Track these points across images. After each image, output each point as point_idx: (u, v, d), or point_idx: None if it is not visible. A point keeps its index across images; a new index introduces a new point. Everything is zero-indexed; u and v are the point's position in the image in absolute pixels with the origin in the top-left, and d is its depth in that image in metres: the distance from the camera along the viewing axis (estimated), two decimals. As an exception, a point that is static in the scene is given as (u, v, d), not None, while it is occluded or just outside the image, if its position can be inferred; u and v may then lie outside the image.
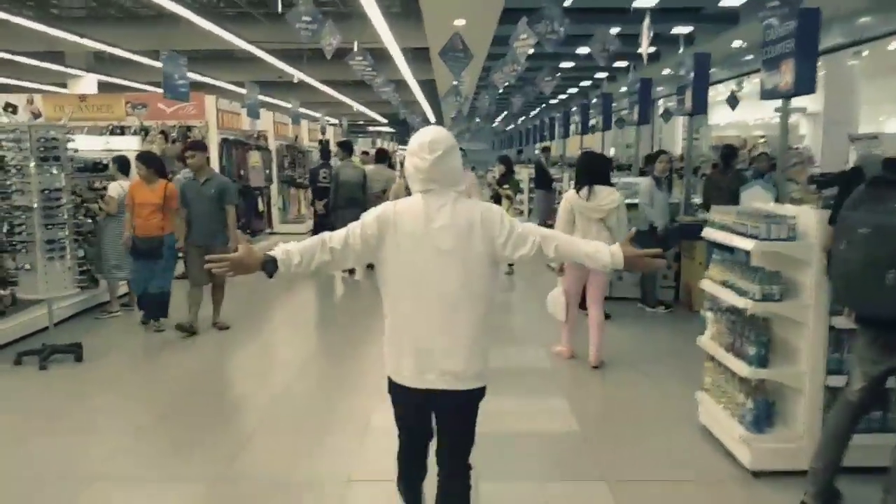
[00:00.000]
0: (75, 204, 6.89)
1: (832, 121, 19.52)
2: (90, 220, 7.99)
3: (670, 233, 7.74)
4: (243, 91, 13.87)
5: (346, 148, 10.11)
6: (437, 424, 2.70)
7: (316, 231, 6.69)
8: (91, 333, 6.93)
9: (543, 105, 39.59)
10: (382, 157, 10.49)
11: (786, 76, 5.58)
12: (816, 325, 3.67)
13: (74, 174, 7.99)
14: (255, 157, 11.55)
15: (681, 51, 9.95)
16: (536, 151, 24.40)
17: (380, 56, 17.68)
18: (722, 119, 23.47)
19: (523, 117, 44.45)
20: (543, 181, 14.24)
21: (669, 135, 21.39)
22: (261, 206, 11.71)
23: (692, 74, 7.73)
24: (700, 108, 7.78)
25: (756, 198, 6.31)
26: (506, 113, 43.73)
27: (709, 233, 4.36)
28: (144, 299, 7.05)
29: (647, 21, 8.36)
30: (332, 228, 2.70)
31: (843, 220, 3.27)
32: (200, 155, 6.90)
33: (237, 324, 7.29)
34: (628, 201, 7.84)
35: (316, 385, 5.63)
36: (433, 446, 2.76)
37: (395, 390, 2.66)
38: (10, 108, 11.89)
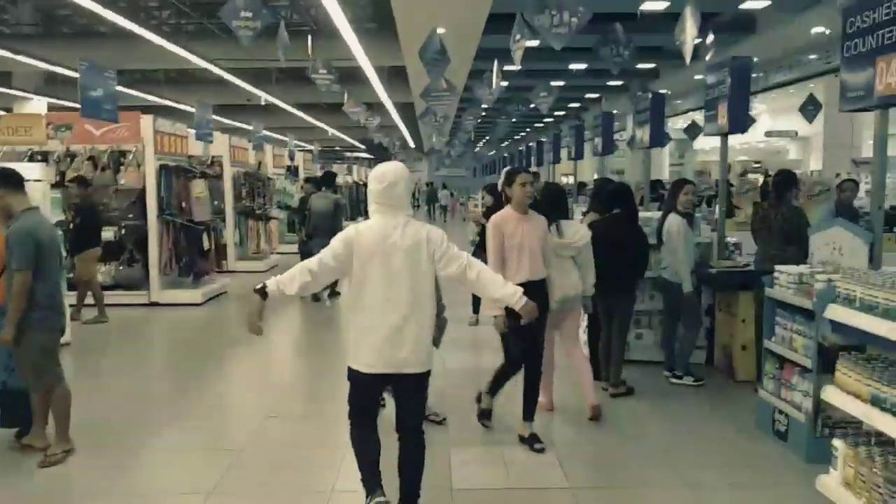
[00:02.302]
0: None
1: (832, 145, 18.13)
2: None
3: (700, 281, 6.15)
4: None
5: (323, 180, 10.45)
6: (395, 401, 3.53)
7: (302, 258, 5.50)
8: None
9: (528, 129, 38.31)
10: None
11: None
12: None
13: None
14: (199, 187, 9.82)
15: (708, 56, 8.34)
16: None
17: (355, 77, 16.19)
18: (706, 143, 21.89)
19: (507, 141, 43.15)
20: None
21: (655, 160, 19.87)
22: (206, 244, 9.94)
23: (727, 84, 6.17)
24: (738, 125, 6.22)
25: (835, 242, 4.73)
26: (488, 138, 42.37)
27: (829, 310, 2.71)
28: (2, 398, 4.65)
29: (688, 12, 6.54)
30: (311, 255, 3.54)
31: None
32: None
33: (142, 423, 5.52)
34: (651, 241, 6.30)
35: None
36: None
37: (354, 375, 3.35)
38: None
